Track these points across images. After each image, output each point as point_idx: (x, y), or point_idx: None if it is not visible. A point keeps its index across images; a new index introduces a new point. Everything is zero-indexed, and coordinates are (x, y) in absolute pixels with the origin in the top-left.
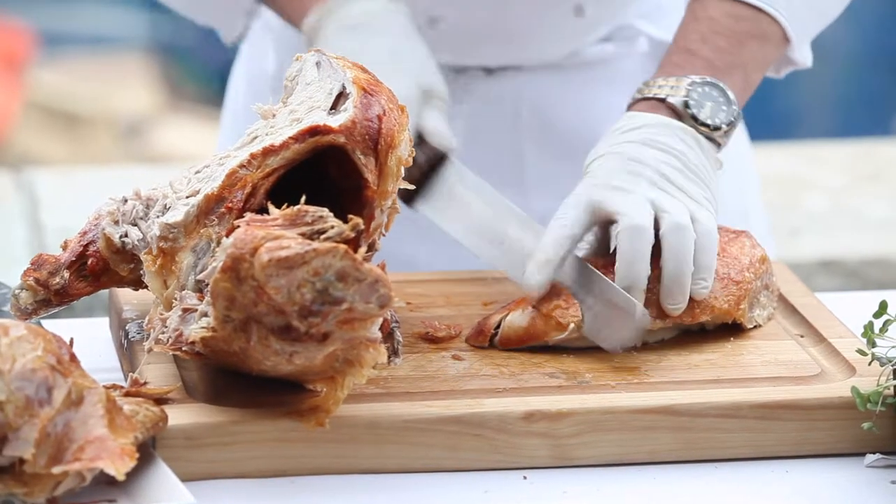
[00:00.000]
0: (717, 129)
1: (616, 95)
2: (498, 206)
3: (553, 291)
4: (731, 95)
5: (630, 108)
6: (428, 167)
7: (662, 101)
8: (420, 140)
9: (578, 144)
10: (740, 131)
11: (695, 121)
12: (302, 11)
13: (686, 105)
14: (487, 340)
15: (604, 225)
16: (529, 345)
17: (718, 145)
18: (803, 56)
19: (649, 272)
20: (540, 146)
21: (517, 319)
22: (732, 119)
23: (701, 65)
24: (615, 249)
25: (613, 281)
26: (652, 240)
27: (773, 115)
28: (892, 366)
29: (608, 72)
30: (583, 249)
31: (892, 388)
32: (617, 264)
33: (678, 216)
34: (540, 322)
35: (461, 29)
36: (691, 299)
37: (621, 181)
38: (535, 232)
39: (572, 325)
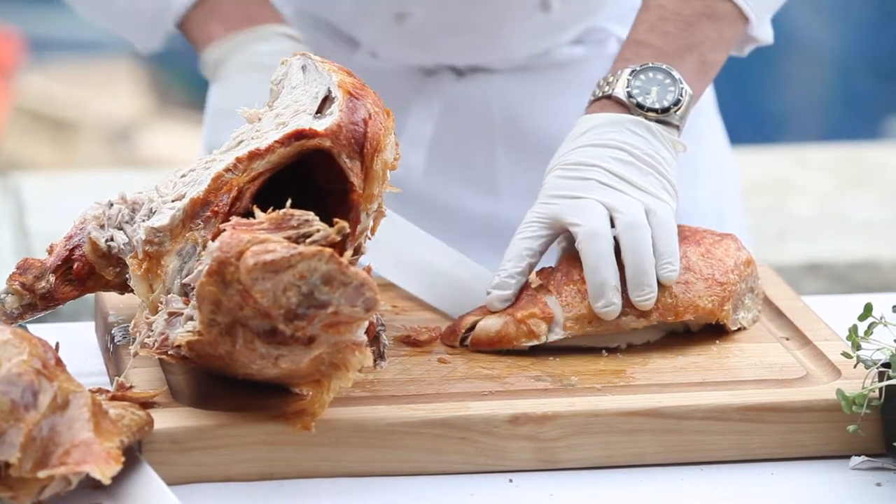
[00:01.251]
0: (665, 110)
1: (585, 98)
2: (428, 245)
3: (530, 299)
4: (677, 75)
5: (585, 111)
6: None
7: (610, 97)
8: None
9: (550, 148)
10: (720, 135)
11: (642, 109)
12: (206, 41)
13: (629, 95)
14: (458, 340)
15: (568, 234)
16: (499, 348)
17: (676, 128)
18: (764, 33)
19: (616, 270)
20: (511, 150)
21: (491, 323)
22: (680, 97)
23: (650, 53)
24: None
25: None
26: (611, 240)
27: (759, 118)
28: (877, 368)
29: (579, 74)
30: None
31: (877, 391)
32: (584, 272)
33: (631, 214)
34: (512, 327)
35: (428, 24)
36: (676, 297)
37: (572, 189)
38: (462, 263)
39: (543, 338)
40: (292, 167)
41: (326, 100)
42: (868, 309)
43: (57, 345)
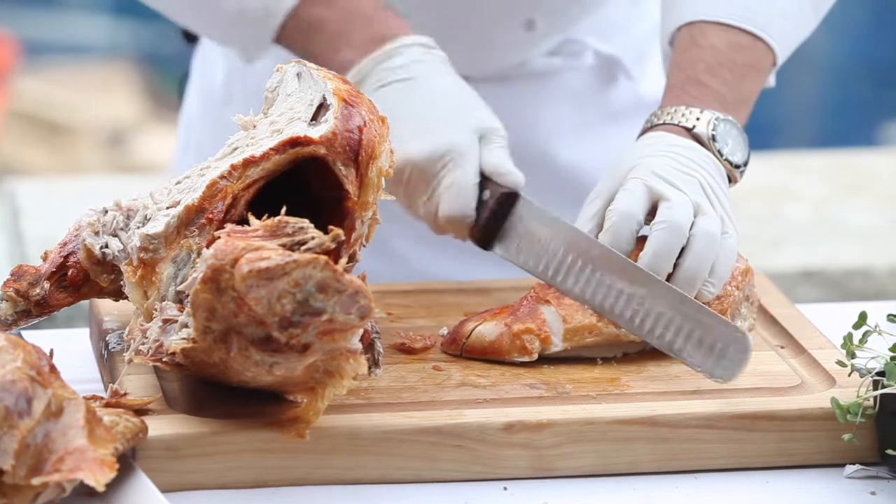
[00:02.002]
0: (737, 166)
1: (562, 110)
2: (574, 236)
3: (529, 311)
4: (745, 136)
5: (648, 130)
6: (497, 206)
7: (688, 129)
8: (485, 180)
9: (526, 158)
10: None
11: (720, 155)
12: (333, 66)
13: (713, 139)
14: (459, 349)
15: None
16: (491, 358)
17: (732, 183)
18: (771, 78)
19: (670, 270)
20: None
21: (487, 331)
22: (747, 158)
23: (713, 97)
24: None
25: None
26: (684, 241)
27: (754, 124)
28: (872, 377)
29: (554, 85)
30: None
31: (871, 400)
32: (645, 251)
33: (713, 225)
34: (506, 340)
35: None
36: None
37: (674, 177)
38: (612, 259)
39: (535, 355)
40: (287, 174)
41: (321, 107)
42: (863, 317)
43: (51, 351)
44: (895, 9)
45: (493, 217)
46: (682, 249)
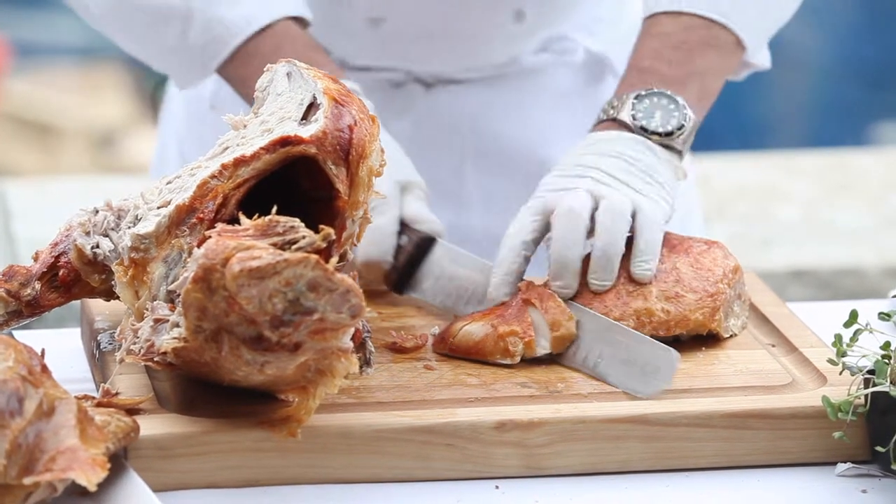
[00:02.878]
0: (668, 134)
1: (551, 109)
2: (487, 271)
3: (517, 313)
4: (681, 100)
5: (588, 132)
6: (415, 250)
7: (615, 120)
8: (404, 228)
9: (516, 158)
10: None
11: (646, 131)
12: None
13: (634, 118)
14: (448, 348)
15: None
16: (475, 359)
17: (679, 153)
18: (761, 58)
19: (582, 254)
20: (479, 161)
21: (474, 330)
22: (684, 123)
23: (654, 80)
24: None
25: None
26: (587, 223)
27: (745, 125)
28: (863, 375)
29: (544, 83)
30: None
31: (862, 398)
32: (551, 247)
33: (615, 202)
34: (490, 341)
35: (402, 31)
36: (668, 312)
37: (565, 184)
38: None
39: (518, 358)
40: (278, 174)
41: (312, 106)
42: (853, 316)
43: (43, 351)
44: (885, 9)
45: (409, 261)
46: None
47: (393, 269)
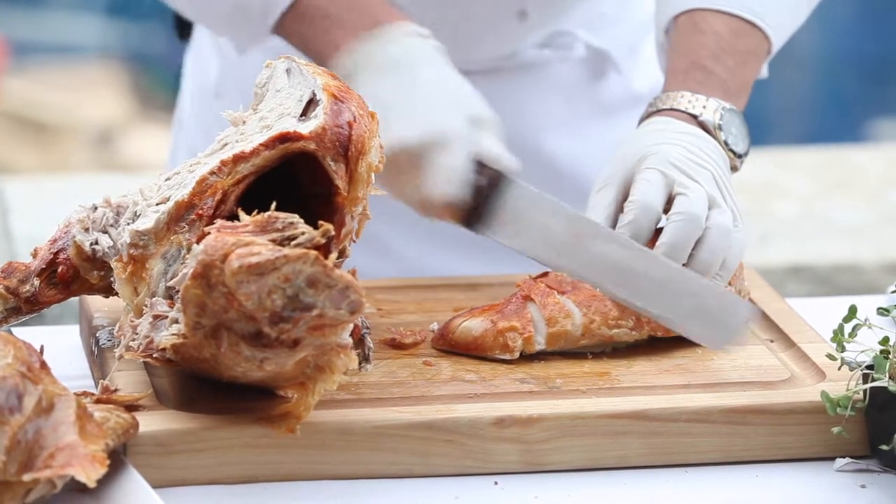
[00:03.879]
0: (740, 156)
1: (552, 102)
2: (569, 217)
3: (517, 309)
4: (746, 123)
5: (653, 114)
6: (489, 189)
7: (694, 117)
8: (478, 165)
9: (516, 151)
10: None
11: (726, 145)
12: (329, 52)
13: (719, 128)
14: (447, 343)
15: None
16: (475, 354)
17: (734, 172)
18: (764, 69)
19: (685, 262)
20: None
21: (474, 325)
22: (748, 148)
23: (717, 84)
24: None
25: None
26: (700, 233)
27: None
28: (862, 370)
29: (544, 78)
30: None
31: (861, 393)
32: (662, 241)
33: (727, 218)
34: (490, 336)
35: None
36: None
37: (689, 168)
38: (609, 237)
39: (517, 353)
40: (277, 170)
41: (311, 103)
42: (852, 311)
43: (42, 348)
44: (883, 5)
45: (484, 199)
46: (697, 241)
47: (467, 207)
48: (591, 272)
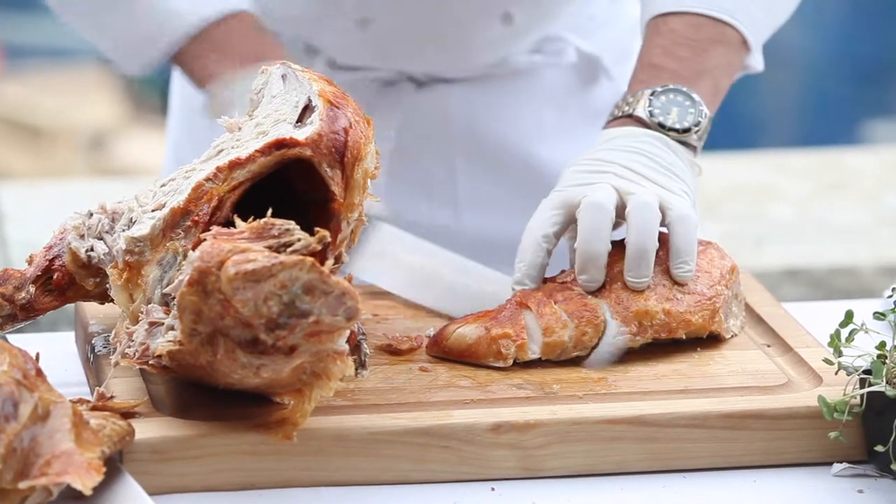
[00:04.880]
0: (685, 131)
1: (543, 109)
2: (431, 254)
3: (511, 315)
4: (697, 97)
5: (603, 129)
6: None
7: (630, 116)
8: None
9: (507, 158)
10: None
11: (663, 128)
12: (208, 77)
13: (651, 115)
14: (441, 350)
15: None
16: (469, 361)
17: (694, 149)
18: (756, 61)
19: (608, 248)
20: (470, 161)
21: (468, 332)
22: (700, 119)
23: (667, 77)
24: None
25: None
26: (612, 216)
27: (738, 123)
28: (859, 375)
29: (535, 84)
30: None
31: (858, 398)
32: (577, 241)
33: (643, 197)
34: (484, 343)
35: (390, 31)
36: (669, 314)
37: (587, 178)
38: (467, 270)
39: (510, 361)
40: (273, 176)
41: (307, 109)
42: (849, 315)
43: (37, 355)
44: (877, 7)
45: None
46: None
47: None
48: (453, 305)
